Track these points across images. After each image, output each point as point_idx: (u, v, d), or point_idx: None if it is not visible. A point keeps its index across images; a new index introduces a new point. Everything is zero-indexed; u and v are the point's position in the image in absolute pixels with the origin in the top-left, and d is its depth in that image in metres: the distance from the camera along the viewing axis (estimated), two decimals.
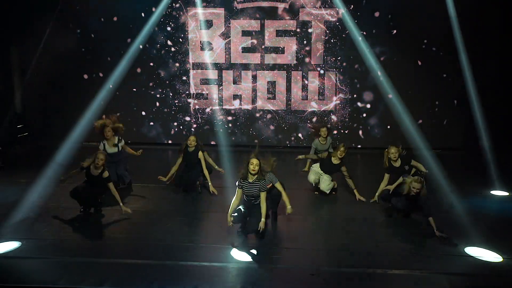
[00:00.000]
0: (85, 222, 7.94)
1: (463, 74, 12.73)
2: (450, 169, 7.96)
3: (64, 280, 5.99)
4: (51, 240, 7.16)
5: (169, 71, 13.83)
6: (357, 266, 6.40)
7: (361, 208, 8.75)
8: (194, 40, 13.64)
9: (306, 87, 13.69)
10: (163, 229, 7.63)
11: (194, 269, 6.31)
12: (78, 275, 6.11)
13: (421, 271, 6.28)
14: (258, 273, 6.23)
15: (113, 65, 13.27)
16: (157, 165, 11.57)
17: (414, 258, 6.69)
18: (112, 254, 6.75)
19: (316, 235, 7.51)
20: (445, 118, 13.59)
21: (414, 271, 6.29)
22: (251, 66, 13.69)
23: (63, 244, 7.05)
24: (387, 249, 6.94)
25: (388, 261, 6.56)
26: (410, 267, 6.39)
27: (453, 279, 6.10)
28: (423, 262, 6.54)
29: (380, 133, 13.75)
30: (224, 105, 13.87)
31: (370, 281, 6.06)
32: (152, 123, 14.09)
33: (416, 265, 6.45)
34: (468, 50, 12.65)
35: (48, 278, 6.04)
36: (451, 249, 6.95)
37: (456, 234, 7.35)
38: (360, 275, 6.19)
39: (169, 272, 6.19)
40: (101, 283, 5.89)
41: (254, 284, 5.95)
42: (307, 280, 6.03)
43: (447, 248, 6.95)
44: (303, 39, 13.45)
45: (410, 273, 6.25)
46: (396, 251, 6.89)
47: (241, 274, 6.21)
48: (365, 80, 13.56)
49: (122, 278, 6.05)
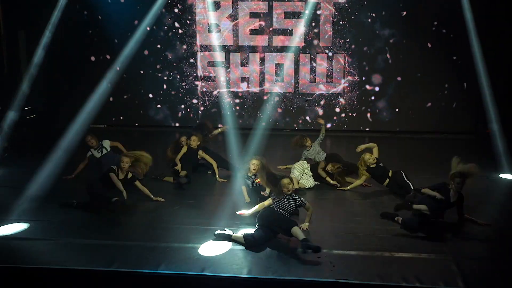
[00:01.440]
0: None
1: (473, 56, 12.61)
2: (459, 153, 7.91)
3: (72, 261, 6.04)
4: (58, 222, 7.21)
5: (177, 54, 13.78)
6: (364, 249, 6.39)
7: (369, 191, 8.73)
8: (201, 22, 13.57)
9: (314, 70, 13.61)
10: (171, 212, 7.65)
11: (200, 251, 6.33)
12: (86, 257, 6.16)
13: (429, 254, 6.27)
14: (265, 257, 6.24)
15: (120, 47, 13.25)
16: (164, 148, 11.56)
17: (422, 241, 6.67)
18: (120, 236, 6.79)
19: (323, 218, 7.51)
20: (454, 101, 13.48)
21: (421, 254, 6.27)
22: (258, 48, 13.61)
23: (70, 226, 7.09)
24: (394, 231, 6.93)
25: (395, 244, 6.55)
26: (417, 250, 6.37)
27: (462, 262, 6.08)
28: (431, 246, 6.52)
29: (388, 116, 13.67)
30: (231, 88, 13.83)
31: (377, 264, 6.06)
32: (159, 105, 14.09)
33: (424, 248, 6.44)
34: (479, 31, 12.48)
35: (56, 260, 6.08)
36: (458, 233, 6.93)
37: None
38: (367, 258, 6.19)
39: (176, 254, 6.21)
40: (108, 264, 5.93)
41: (261, 268, 5.96)
42: (314, 263, 6.04)
43: (455, 232, 6.93)
44: (311, 21, 13.34)
45: (418, 256, 6.24)
46: (402, 234, 6.87)
47: (247, 257, 6.22)
48: (374, 63, 13.46)
49: (130, 260, 6.09)
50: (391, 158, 9.70)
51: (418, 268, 5.97)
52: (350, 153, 9.69)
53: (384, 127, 13.57)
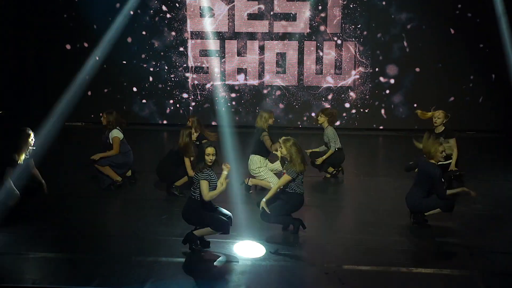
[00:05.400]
0: (69, 213, 8.00)
1: (502, 44, 12.65)
2: (486, 153, 7.93)
3: (46, 278, 6.05)
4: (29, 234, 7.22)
5: (164, 41, 13.80)
6: (378, 264, 6.42)
7: (381, 200, 8.78)
8: (192, 5, 13.59)
9: (321, 60, 13.64)
10: (158, 222, 7.68)
11: (192, 266, 6.36)
12: (63, 273, 6.17)
13: (452, 270, 6.30)
14: (265, 272, 6.26)
15: (100, 33, 13.25)
16: (150, 148, 11.60)
17: (444, 255, 6.71)
18: (101, 250, 6.81)
19: (330, 228, 7.54)
20: (480, 95, 13.52)
21: (443, 270, 6.31)
22: (258, 36, 13.65)
23: (43, 238, 7.11)
24: (413, 243, 6.97)
25: (413, 258, 6.59)
26: (439, 265, 6.41)
27: (489, 279, 6.11)
28: (454, 260, 6.56)
29: (405, 113, 13.71)
30: (227, 80, 13.85)
31: (393, 281, 6.09)
32: (145, 100, 14.11)
33: (446, 263, 6.48)
34: (509, 16, 12.52)
35: (28, 277, 6.10)
36: (484, 246, 6.97)
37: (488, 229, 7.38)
38: (381, 274, 6.22)
39: (164, 270, 6.24)
40: (88, 282, 5.94)
41: (260, 284, 5.99)
42: (321, 279, 6.07)
43: (479, 245, 6.97)
44: (317, 4, 13.38)
45: (439, 272, 6.27)
46: (422, 246, 6.90)
47: (246, 272, 6.24)
48: (389, 52, 13.49)
49: (112, 276, 6.11)
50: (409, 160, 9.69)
51: (439, 286, 6.00)
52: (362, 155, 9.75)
53: (400, 125, 13.60)
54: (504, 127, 13.41)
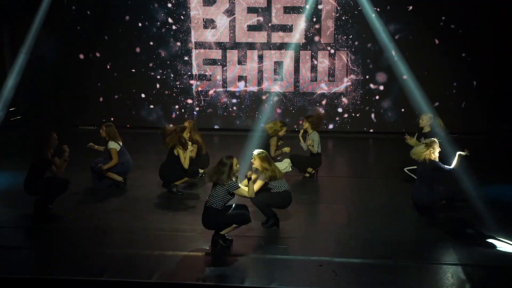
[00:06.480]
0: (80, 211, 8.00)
1: (484, 53, 12.62)
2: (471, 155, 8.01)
3: (59, 271, 6.05)
4: (44, 229, 7.22)
5: (170, 51, 13.80)
6: (368, 257, 6.41)
7: (374, 192, 8.77)
8: (196, 17, 13.59)
9: (316, 68, 13.64)
10: (164, 217, 7.68)
11: (195, 259, 6.35)
12: (75, 266, 6.18)
13: (438, 262, 6.30)
14: (266, 266, 6.26)
15: (111, 44, 13.26)
16: (157, 150, 11.57)
17: (431, 248, 6.70)
18: (111, 244, 6.81)
19: (323, 222, 7.54)
20: (463, 101, 13.52)
21: (430, 262, 6.30)
22: (257, 46, 13.65)
23: (57, 233, 7.11)
24: (402, 236, 6.96)
25: (402, 251, 6.58)
26: (425, 258, 6.40)
27: (471, 271, 6.11)
28: (440, 253, 6.55)
29: (393, 117, 13.70)
30: (228, 87, 13.85)
31: (382, 273, 6.08)
32: (152, 106, 14.11)
33: (432, 256, 6.47)
34: (489, 27, 12.52)
35: (43, 269, 6.10)
36: (471, 239, 6.97)
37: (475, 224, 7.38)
38: (372, 266, 6.21)
39: (170, 263, 6.23)
40: (99, 274, 5.94)
41: (262, 277, 5.99)
42: (315, 271, 6.06)
43: (466, 239, 6.97)
44: (312, 16, 13.37)
45: (426, 264, 6.26)
46: (410, 240, 6.90)
47: (245, 265, 6.25)
48: (378, 60, 13.48)
49: (122, 269, 6.10)
50: (398, 161, 9.72)
51: (425, 277, 6.00)
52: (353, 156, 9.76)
53: (389, 128, 13.58)
54: (485, 130, 13.40)
